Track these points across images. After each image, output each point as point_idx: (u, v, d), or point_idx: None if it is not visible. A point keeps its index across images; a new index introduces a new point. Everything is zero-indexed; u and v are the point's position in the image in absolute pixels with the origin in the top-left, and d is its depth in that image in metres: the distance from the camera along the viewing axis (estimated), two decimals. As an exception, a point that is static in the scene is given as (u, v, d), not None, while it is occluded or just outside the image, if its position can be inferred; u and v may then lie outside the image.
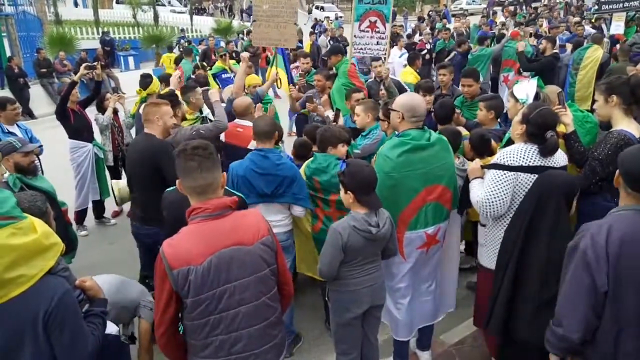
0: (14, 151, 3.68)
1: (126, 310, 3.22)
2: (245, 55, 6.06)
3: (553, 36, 9.24)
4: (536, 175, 2.81)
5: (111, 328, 3.01)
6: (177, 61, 11.30)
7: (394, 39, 14.13)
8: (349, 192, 2.82)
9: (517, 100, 3.47)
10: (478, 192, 2.97)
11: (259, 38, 6.39)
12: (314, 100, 5.76)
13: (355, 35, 6.71)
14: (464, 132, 4.18)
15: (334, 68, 6.19)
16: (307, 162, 3.78)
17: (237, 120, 4.63)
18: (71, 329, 1.89)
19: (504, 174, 2.84)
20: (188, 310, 2.06)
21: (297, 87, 6.60)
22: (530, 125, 2.84)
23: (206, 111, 5.25)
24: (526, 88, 3.48)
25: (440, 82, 6.05)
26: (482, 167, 3.08)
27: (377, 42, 6.60)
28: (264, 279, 2.15)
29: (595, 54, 7.98)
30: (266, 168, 3.47)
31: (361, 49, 6.71)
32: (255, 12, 6.23)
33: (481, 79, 7.59)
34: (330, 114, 5.39)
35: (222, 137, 4.55)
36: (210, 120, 4.88)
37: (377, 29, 6.57)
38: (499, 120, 4.41)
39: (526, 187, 2.83)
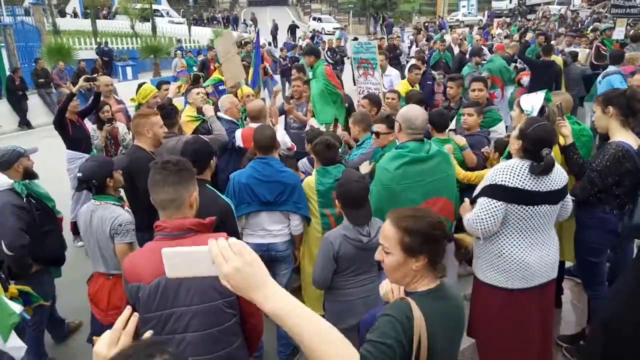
0: (21, 156, 3.59)
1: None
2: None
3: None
4: (527, 207, 2.70)
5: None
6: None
7: (392, 51, 14.27)
8: (337, 201, 2.88)
9: (522, 110, 3.47)
10: (468, 216, 2.90)
11: (229, 77, 6.57)
12: (290, 102, 5.83)
13: (357, 80, 7.05)
14: (463, 142, 4.18)
15: (311, 68, 6.15)
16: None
17: (251, 124, 4.64)
18: None
19: (494, 203, 2.73)
20: (141, 325, 2.04)
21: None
22: (526, 141, 2.76)
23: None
24: (533, 100, 3.47)
25: (448, 95, 6.00)
26: (471, 202, 2.99)
27: (373, 86, 6.87)
28: (214, 311, 2.03)
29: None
30: (269, 175, 3.49)
31: (363, 90, 6.97)
32: (218, 54, 6.46)
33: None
34: (314, 122, 5.47)
35: (240, 143, 4.53)
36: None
37: (369, 75, 6.83)
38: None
39: (517, 216, 2.74)
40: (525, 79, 8.14)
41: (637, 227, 3.07)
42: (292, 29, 30.39)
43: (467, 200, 3.06)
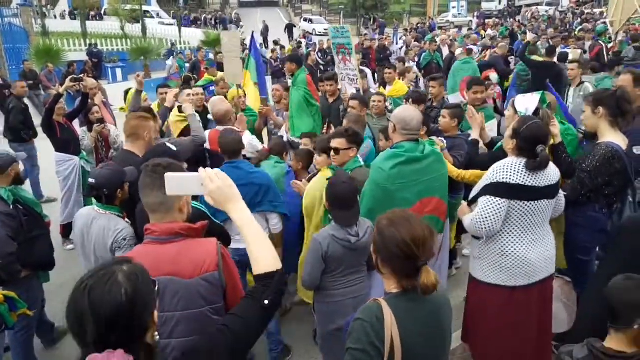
0: (15, 162, 3.52)
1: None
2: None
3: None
4: (529, 203, 2.76)
5: None
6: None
7: (382, 51, 14.31)
8: (326, 202, 2.90)
9: (516, 111, 3.48)
10: (470, 216, 2.94)
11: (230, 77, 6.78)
12: (267, 103, 5.88)
13: (338, 66, 7.16)
14: (441, 144, 4.13)
15: (292, 76, 6.15)
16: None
17: (217, 127, 4.62)
18: None
19: (497, 201, 2.78)
20: None
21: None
22: (520, 139, 2.82)
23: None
24: (528, 101, 3.48)
25: (430, 95, 6.03)
26: (469, 203, 3.02)
27: (352, 73, 6.95)
28: (199, 317, 1.99)
29: None
30: (240, 178, 3.43)
31: (343, 77, 7.05)
32: (223, 48, 6.68)
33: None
34: (283, 132, 5.53)
35: (208, 145, 4.50)
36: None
37: (348, 61, 6.90)
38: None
39: (520, 212, 2.79)
40: (494, 76, 8.13)
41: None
42: (290, 28, 30.51)
43: (464, 202, 3.09)
